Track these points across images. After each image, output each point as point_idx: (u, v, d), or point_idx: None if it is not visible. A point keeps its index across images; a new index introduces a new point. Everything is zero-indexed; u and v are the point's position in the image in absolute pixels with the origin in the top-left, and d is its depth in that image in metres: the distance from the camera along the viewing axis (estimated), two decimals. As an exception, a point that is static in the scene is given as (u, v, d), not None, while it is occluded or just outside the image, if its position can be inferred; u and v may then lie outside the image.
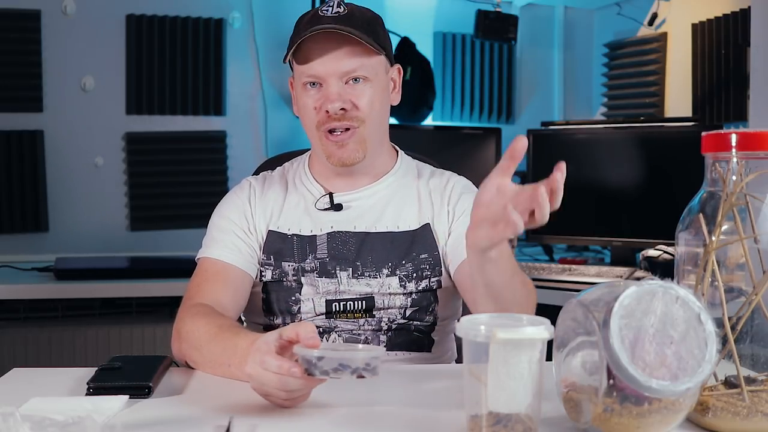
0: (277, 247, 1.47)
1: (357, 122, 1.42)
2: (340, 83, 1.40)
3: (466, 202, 1.48)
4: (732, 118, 2.78)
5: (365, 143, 1.44)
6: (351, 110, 1.40)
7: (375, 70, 1.43)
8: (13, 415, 0.89)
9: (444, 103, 3.46)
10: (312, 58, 1.40)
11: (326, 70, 1.39)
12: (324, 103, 1.40)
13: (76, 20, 2.98)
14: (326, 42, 1.39)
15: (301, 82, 1.43)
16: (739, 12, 2.73)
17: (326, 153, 1.44)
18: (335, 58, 1.39)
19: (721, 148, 1.01)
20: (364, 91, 1.41)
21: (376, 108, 1.43)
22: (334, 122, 1.41)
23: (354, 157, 1.43)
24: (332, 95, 1.39)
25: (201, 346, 1.26)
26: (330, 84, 1.40)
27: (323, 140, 1.43)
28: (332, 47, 1.39)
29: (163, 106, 3.09)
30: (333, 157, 1.44)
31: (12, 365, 1.35)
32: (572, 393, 0.96)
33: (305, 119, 1.45)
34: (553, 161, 1.09)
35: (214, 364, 1.24)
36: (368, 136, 1.44)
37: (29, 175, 2.93)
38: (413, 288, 1.45)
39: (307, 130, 1.46)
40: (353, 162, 1.44)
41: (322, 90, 1.41)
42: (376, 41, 1.41)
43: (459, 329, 0.93)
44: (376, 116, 1.44)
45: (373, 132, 1.45)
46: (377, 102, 1.44)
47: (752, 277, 0.98)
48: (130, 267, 2.79)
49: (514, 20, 3.24)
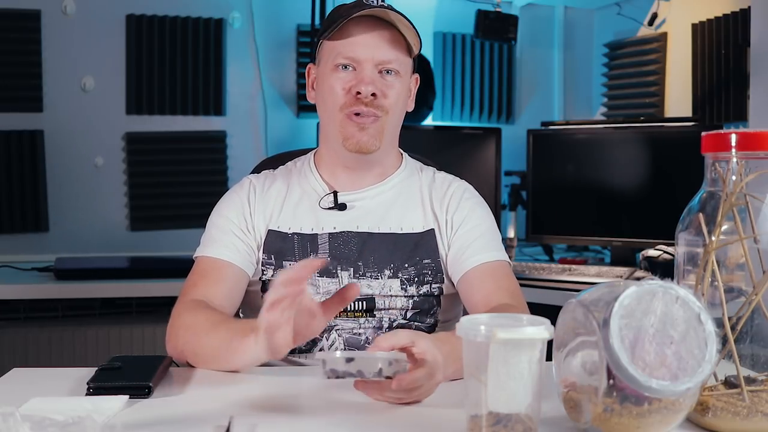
0: (277, 247, 1.46)
1: (382, 112, 1.42)
2: (375, 71, 1.41)
3: (464, 211, 1.49)
4: (732, 118, 2.78)
5: (383, 135, 1.44)
6: (380, 98, 1.41)
7: (405, 68, 1.45)
8: (13, 415, 0.89)
9: (444, 103, 3.46)
10: (353, 36, 1.41)
11: (365, 54, 1.41)
12: (357, 84, 1.40)
13: (76, 20, 2.98)
14: (370, 27, 1.41)
15: (333, 63, 1.42)
16: (739, 12, 2.73)
17: (344, 135, 1.43)
18: (376, 45, 1.41)
19: (721, 148, 1.01)
20: (394, 84, 1.43)
21: (399, 104, 1.46)
22: (361, 106, 1.41)
23: (371, 144, 1.43)
24: (367, 78, 1.40)
25: (203, 335, 1.27)
26: (365, 68, 1.41)
27: (345, 122, 1.43)
28: (376, 33, 1.41)
29: (163, 106, 3.09)
30: (351, 140, 1.43)
31: (12, 365, 1.35)
32: (572, 393, 0.96)
33: (328, 101, 1.44)
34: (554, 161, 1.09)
35: (216, 351, 1.24)
36: (387, 129, 1.45)
37: (29, 175, 2.93)
38: (414, 292, 1.45)
39: (327, 113, 1.45)
40: (369, 149, 1.43)
41: (355, 73, 1.41)
42: (412, 41, 1.44)
43: (459, 329, 0.93)
44: (398, 112, 1.47)
45: (392, 126, 1.46)
46: (401, 99, 1.46)
47: (752, 277, 0.98)
48: (130, 267, 2.79)
49: (514, 20, 3.23)
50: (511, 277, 1.46)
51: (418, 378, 1.04)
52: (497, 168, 2.98)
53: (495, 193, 2.94)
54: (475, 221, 1.49)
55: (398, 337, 1.07)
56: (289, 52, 3.24)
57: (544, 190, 2.89)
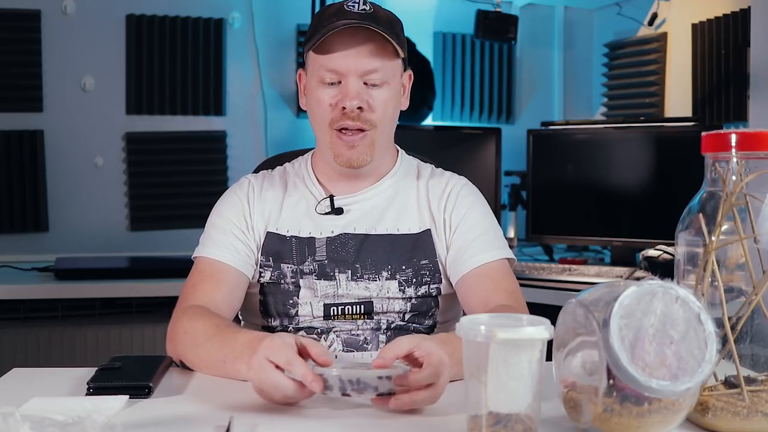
0: (276, 249, 1.46)
1: (369, 126, 1.41)
2: (360, 82, 1.39)
3: (462, 209, 1.48)
4: (732, 118, 2.78)
5: (374, 147, 1.43)
6: (366, 112, 1.40)
7: (393, 73, 1.43)
8: (13, 415, 0.89)
9: (444, 103, 3.45)
10: (335, 51, 1.38)
11: (348, 66, 1.38)
12: (342, 99, 1.39)
13: (76, 20, 2.98)
14: (351, 38, 1.38)
15: (318, 76, 1.41)
16: (739, 12, 2.73)
17: (334, 152, 1.43)
18: (358, 55, 1.38)
19: (721, 148, 1.01)
20: (381, 95, 1.41)
21: (389, 113, 1.43)
22: (348, 121, 1.39)
23: (362, 159, 1.43)
24: (351, 92, 1.38)
25: (198, 345, 1.26)
26: (349, 81, 1.39)
27: (334, 139, 1.42)
28: (356, 44, 1.38)
29: (163, 106, 3.09)
30: (341, 158, 1.43)
31: (12, 365, 1.35)
32: (572, 393, 0.96)
33: (317, 115, 1.43)
34: (553, 161, 1.09)
35: (210, 362, 1.24)
36: (378, 141, 1.43)
37: (29, 175, 2.93)
38: (412, 293, 1.44)
39: (317, 126, 1.45)
40: (360, 165, 1.43)
41: (340, 87, 1.40)
42: (398, 44, 1.41)
43: (459, 329, 0.93)
44: (389, 121, 1.45)
45: (383, 136, 1.45)
46: (391, 107, 1.43)
47: (752, 277, 0.98)
48: (130, 267, 2.79)
49: (514, 20, 3.23)
50: (510, 277, 1.45)
51: (422, 378, 1.03)
52: (497, 168, 2.98)
53: (495, 193, 2.94)
54: (474, 219, 1.47)
55: (401, 345, 1.06)
56: (289, 52, 3.25)
57: (544, 190, 2.89)
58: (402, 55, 1.43)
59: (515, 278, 1.46)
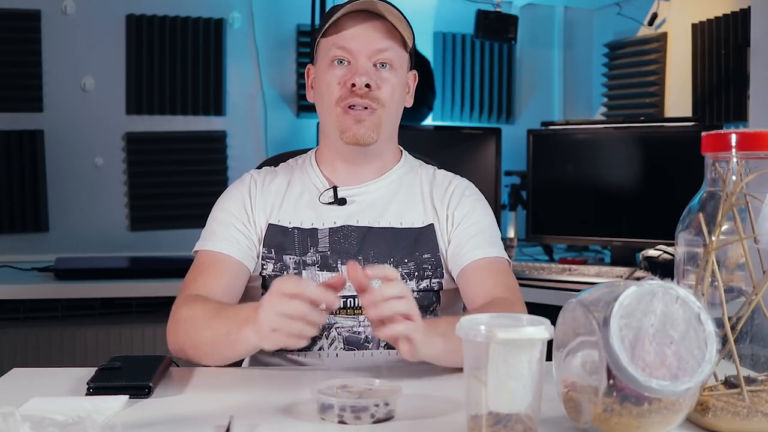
0: (278, 241, 1.46)
1: (377, 104, 1.44)
2: (369, 63, 1.43)
3: (465, 207, 1.50)
4: (732, 118, 2.78)
5: (380, 127, 1.45)
6: (375, 90, 1.43)
7: (400, 61, 1.47)
8: (13, 415, 0.89)
9: (444, 103, 3.46)
10: (347, 29, 1.43)
11: (359, 45, 1.43)
12: (351, 77, 1.42)
13: (76, 20, 2.97)
14: (364, 20, 1.43)
15: (329, 58, 1.45)
16: (739, 12, 2.73)
17: (341, 128, 1.44)
18: (369, 36, 1.43)
19: (721, 148, 1.01)
20: (389, 78, 1.45)
21: (395, 98, 1.47)
22: (356, 98, 1.42)
23: (368, 136, 1.44)
24: (361, 69, 1.42)
25: (201, 326, 1.27)
26: (359, 60, 1.43)
27: (341, 115, 1.44)
28: (369, 25, 1.43)
29: (163, 106, 3.09)
30: (348, 132, 1.44)
31: (12, 365, 1.35)
32: (572, 393, 0.96)
33: (325, 96, 1.46)
34: (554, 161, 1.10)
35: (215, 339, 1.24)
36: (384, 122, 1.46)
37: (29, 175, 2.93)
38: (414, 287, 1.45)
39: (324, 107, 1.47)
40: (366, 141, 1.45)
41: (350, 66, 1.44)
42: (406, 35, 1.46)
43: (459, 329, 0.93)
44: (395, 106, 1.48)
45: (389, 119, 1.47)
46: (397, 93, 1.47)
47: (752, 277, 0.98)
48: (130, 267, 2.79)
49: (514, 20, 3.23)
50: (510, 275, 1.47)
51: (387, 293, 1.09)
52: (497, 168, 2.98)
53: (495, 193, 2.94)
54: (476, 218, 1.50)
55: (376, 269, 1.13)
56: (289, 52, 3.24)
57: (544, 190, 2.89)
58: (409, 46, 1.48)
59: (514, 277, 1.48)
